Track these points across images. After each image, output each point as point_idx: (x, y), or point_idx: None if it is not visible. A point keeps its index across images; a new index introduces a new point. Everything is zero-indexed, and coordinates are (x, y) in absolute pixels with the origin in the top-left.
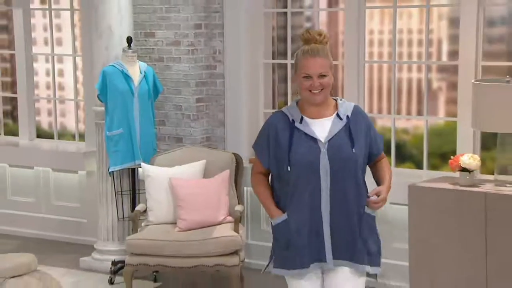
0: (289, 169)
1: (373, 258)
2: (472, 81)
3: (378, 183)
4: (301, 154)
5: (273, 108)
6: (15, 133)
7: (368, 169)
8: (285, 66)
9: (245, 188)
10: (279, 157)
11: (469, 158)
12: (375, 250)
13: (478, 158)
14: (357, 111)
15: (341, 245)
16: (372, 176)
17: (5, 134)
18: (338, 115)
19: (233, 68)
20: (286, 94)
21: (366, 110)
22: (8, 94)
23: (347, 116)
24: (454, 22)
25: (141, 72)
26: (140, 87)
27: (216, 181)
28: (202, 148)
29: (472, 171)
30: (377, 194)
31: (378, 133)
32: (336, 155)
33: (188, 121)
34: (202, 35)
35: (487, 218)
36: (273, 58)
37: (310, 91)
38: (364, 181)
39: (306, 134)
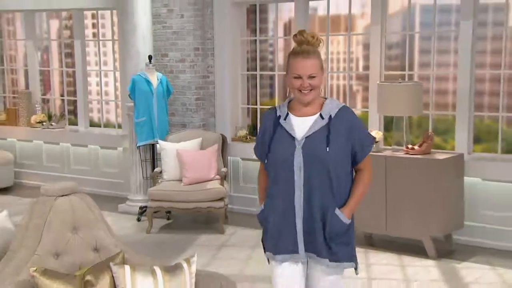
0: (266, 162)
1: (339, 255)
2: (377, 82)
3: (349, 197)
4: (278, 149)
5: (248, 104)
6: (75, 124)
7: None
8: (255, 76)
9: (228, 157)
10: (264, 151)
11: (376, 132)
12: (342, 247)
13: (381, 133)
14: (342, 112)
15: (312, 239)
16: None
17: (69, 124)
18: (320, 114)
19: (220, 77)
20: (256, 95)
21: None
22: (71, 98)
23: (330, 116)
24: (366, 46)
25: (158, 79)
26: (157, 90)
27: (209, 151)
28: (199, 131)
29: (377, 141)
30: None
31: (367, 135)
32: (310, 152)
33: (190, 113)
34: (200, 55)
35: (386, 172)
36: (247, 71)
37: (300, 90)
38: (347, 183)
39: (286, 131)
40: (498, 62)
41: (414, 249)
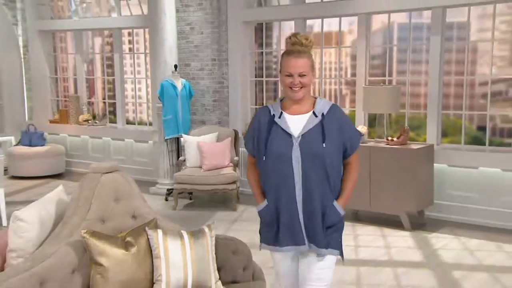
0: (264, 159)
1: (331, 244)
2: (363, 86)
3: (341, 189)
4: (275, 146)
5: (256, 105)
6: (114, 122)
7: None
8: (262, 82)
9: (239, 148)
10: (259, 148)
11: (362, 127)
12: (332, 236)
13: (366, 128)
14: (333, 110)
15: (312, 230)
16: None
17: (109, 122)
18: (314, 112)
19: (233, 83)
20: (262, 98)
21: None
22: (111, 101)
23: (323, 114)
24: (353, 57)
25: (182, 84)
26: (181, 93)
27: (223, 143)
28: (215, 126)
29: (363, 135)
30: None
31: (356, 132)
32: (307, 149)
33: (208, 112)
34: (216, 65)
35: (370, 159)
36: (255, 77)
37: (291, 88)
38: (339, 174)
39: (282, 128)
40: (461, 70)
41: (392, 222)
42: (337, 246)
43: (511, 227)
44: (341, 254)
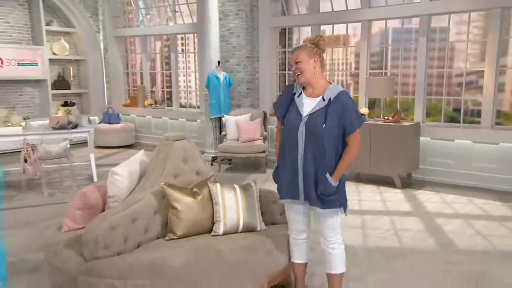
0: (282, 127)
1: (328, 205)
2: (365, 77)
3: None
4: (290, 119)
5: (279, 92)
6: (170, 106)
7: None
8: (284, 74)
9: (267, 125)
10: (281, 113)
11: (364, 109)
12: (331, 200)
13: (367, 109)
14: (339, 96)
15: (307, 192)
16: None
17: (167, 106)
18: (323, 97)
19: (262, 75)
20: (285, 86)
21: None
22: (168, 89)
23: (330, 99)
24: (357, 54)
25: (223, 76)
26: (223, 82)
27: (255, 122)
28: (249, 109)
29: (364, 115)
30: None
31: (356, 117)
32: (310, 127)
33: (243, 98)
34: (249, 61)
35: (370, 134)
36: (279, 71)
37: (295, 74)
38: (336, 153)
39: (297, 107)
40: (442, 64)
41: (387, 182)
42: (336, 205)
43: (479, 186)
44: (345, 210)
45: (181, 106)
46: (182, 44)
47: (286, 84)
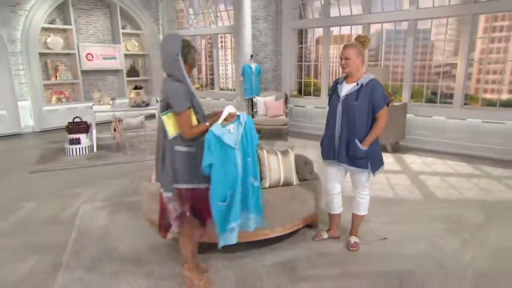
0: (326, 106)
1: (358, 165)
2: (366, 68)
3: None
4: (332, 101)
5: (297, 78)
6: (213, 89)
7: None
8: (301, 65)
9: (288, 104)
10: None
11: None
12: (361, 162)
13: None
14: (370, 82)
15: (342, 154)
16: None
17: (210, 89)
18: (357, 83)
19: (285, 66)
20: (301, 75)
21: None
22: (211, 76)
23: (362, 84)
24: None
25: (255, 66)
26: (255, 71)
27: (279, 102)
28: (274, 92)
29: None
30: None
31: (382, 97)
32: (345, 104)
33: (270, 83)
34: (274, 55)
35: None
36: (297, 62)
37: (342, 66)
38: (366, 125)
39: (337, 91)
40: (424, 58)
41: (382, 149)
42: (364, 166)
43: (451, 151)
44: (373, 171)
45: (221, 89)
46: (221, 42)
47: (303, 72)
